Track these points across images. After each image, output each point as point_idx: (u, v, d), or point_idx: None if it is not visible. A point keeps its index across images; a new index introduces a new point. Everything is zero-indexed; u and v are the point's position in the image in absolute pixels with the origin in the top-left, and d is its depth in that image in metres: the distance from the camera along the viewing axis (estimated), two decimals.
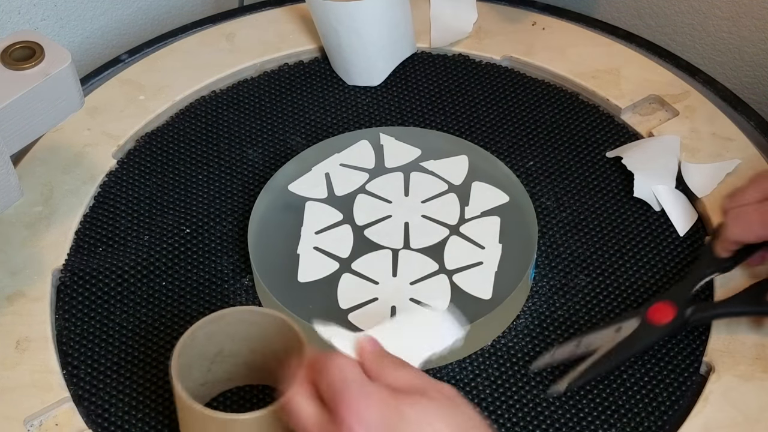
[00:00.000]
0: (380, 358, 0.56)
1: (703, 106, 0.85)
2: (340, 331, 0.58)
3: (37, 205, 0.79)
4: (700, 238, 0.76)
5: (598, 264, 0.75)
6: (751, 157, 0.80)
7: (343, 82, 0.90)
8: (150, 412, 0.67)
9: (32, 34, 0.71)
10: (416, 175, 0.79)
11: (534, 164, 0.82)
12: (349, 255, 0.74)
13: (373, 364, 0.55)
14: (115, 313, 0.73)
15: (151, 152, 0.85)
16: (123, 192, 0.81)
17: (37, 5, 0.95)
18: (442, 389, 0.54)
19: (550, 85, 0.89)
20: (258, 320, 0.64)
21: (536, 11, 0.95)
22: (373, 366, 0.55)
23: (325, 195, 0.78)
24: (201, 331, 0.63)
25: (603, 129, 0.85)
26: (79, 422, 0.66)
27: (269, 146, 0.85)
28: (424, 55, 0.92)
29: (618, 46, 0.91)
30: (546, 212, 0.79)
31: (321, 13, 0.87)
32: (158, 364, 0.70)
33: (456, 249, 0.74)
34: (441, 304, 0.70)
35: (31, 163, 0.82)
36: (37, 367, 0.69)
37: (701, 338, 0.69)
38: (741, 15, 0.93)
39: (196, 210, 0.80)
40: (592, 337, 0.68)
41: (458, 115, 0.87)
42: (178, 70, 0.90)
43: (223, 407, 0.68)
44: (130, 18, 1.05)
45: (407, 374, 0.54)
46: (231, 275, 0.75)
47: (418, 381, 0.54)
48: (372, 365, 0.55)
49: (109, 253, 0.77)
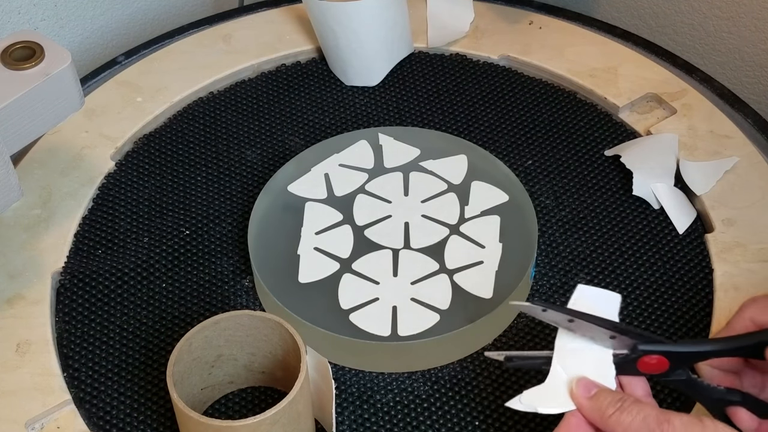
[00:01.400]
0: (599, 404, 0.55)
1: (701, 103, 0.85)
2: (535, 393, 0.57)
3: (35, 207, 0.79)
4: (700, 236, 0.77)
5: (598, 262, 0.75)
6: (749, 155, 0.80)
7: (341, 83, 0.90)
8: (151, 414, 0.67)
9: (32, 34, 0.71)
10: (416, 174, 0.79)
11: (533, 163, 0.83)
12: (350, 255, 0.74)
13: (596, 416, 0.55)
14: (116, 315, 0.73)
15: (149, 154, 0.84)
16: (122, 194, 0.81)
17: (37, 5, 0.95)
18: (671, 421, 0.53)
19: (548, 84, 0.89)
20: (254, 324, 0.64)
21: (533, 10, 0.95)
22: (596, 419, 0.55)
23: (325, 195, 0.78)
24: (197, 336, 0.63)
25: (601, 127, 0.85)
26: (80, 425, 0.66)
27: (268, 147, 0.85)
28: (421, 55, 0.92)
29: (615, 45, 0.91)
30: (545, 211, 0.79)
31: (318, 13, 0.87)
32: (159, 366, 0.70)
33: (456, 248, 0.74)
34: (443, 304, 0.71)
35: (29, 165, 0.82)
36: (37, 370, 0.69)
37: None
38: (741, 15, 0.94)
39: (196, 211, 0.80)
40: (586, 326, 0.59)
41: (456, 115, 0.87)
42: (175, 72, 0.90)
43: (225, 410, 0.68)
44: (130, 18, 1.05)
45: (631, 419, 0.54)
46: (231, 276, 0.75)
47: (644, 429, 0.53)
48: (595, 417, 0.55)
49: (109, 255, 0.77)
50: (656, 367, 0.58)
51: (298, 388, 0.59)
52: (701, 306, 0.72)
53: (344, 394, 0.68)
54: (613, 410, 0.55)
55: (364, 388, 0.69)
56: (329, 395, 0.62)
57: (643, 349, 0.58)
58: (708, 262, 0.75)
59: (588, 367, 0.58)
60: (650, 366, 0.58)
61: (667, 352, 0.58)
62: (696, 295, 0.73)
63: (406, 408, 0.67)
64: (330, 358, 0.68)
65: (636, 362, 0.58)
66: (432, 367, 0.69)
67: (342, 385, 0.69)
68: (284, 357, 0.65)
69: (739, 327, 0.61)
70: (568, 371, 0.58)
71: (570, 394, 0.57)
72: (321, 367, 0.62)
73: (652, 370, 0.58)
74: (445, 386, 0.68)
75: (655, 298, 0.73)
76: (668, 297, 0.73)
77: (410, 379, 0.69)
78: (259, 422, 0.58)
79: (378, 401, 0.68)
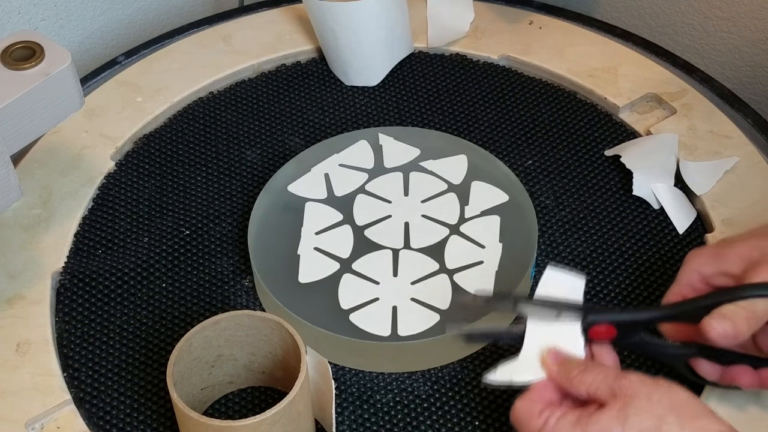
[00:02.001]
0: (565, 368, 0.59)
1: (701, 103, 0.85)
2: (509, 366, 0.61)
3: (35, 207, 0.79)
4: (700, 236, 0.77)
5: (598, 262, 0.75)
6: (748, 154, 0.81)
7: (341, 83, 0.90)
8: (151, 414, 0.67)
9: (32, 34, 0.71)
10: (416, 174, 0.79)
11: (533, 163, 0.83)
12: (350, 255, 0.74)
13: (562, 377, 0.59)
14: (116, 315, 0.73)
15: (149, 154, 0.84)
16: (122, 194, 0.81)
17: (37, 5, 0.95)
18: (631, 386, 0.55)
19: (548, 84, 0.89)
20: (254, 324, 0.64)
21: (533, 10, 0.95)
22: (563, 380, 0.58)
23: (325, 195, 0.78)
24: (197, 336, 0.63)
25: (601, 127, 0.85)
26: (80, 425, 0.66)
27: (268, 147, 0.85)
28: (421, 55, 0.92)
29: (615, 45, 0.91)
30: (545, 211, 0.79)
31: (318, 13, 0.87)
32: (159, 366, 0.70)
33: (456, 248, 0.74)
34: (443, 304, 0.71)
35: (29, 165, 0.82)
36: (37, 370, 0.69)
37: None
38: (741, 15, 0.94)
39: (196, 211, 0.80)
40: (529, 307, 0.62)
41: (456, 115, 0.87)
42: (175, 72, 0.90)
43: (225, 410, 0.68)
44: (130, 18, 1.05)
45: (592, 377, 0.57)
46: (231, 276, 0.75)
47: (604, 385, 0.56)
48: (561, 379, 0.59)
49: (109, 255, 0.77)
50: (605, 334, 0.61)
51: (298, 388, 0.59)
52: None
53: (344, 394, 0.68)
54: (577, 372, 0.58)
55: (364, 388, 0.69)
56: (329, 395, 0.62)
57: (593, 318, 0.61)
58: None
59: (558, 339, 0.61)
60: (600, 333, 0.61)
61: (613, 321, 0.61)
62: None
63: (406, 408, 0.67)
64: (330, 358, 0.68)
65: (588, 332, 0.61)
66: (432, 367, 0.69)
67: (342, 385, 0.69)
68: (284, 357, 0.65)
69: (685, 279, 0.64)
70: (540, 344, 0.61)
71: (541, 363, 0.60)
72: (321, 367, 0.62)
73: (601, 336, 0.61)
74: (445, 386, 0.68)
75: (655, 297, 0.73)
76: None
77: (410, 379, 0.69)
78: (259, 422, 0.58)
79: (378, 401, 0.68)
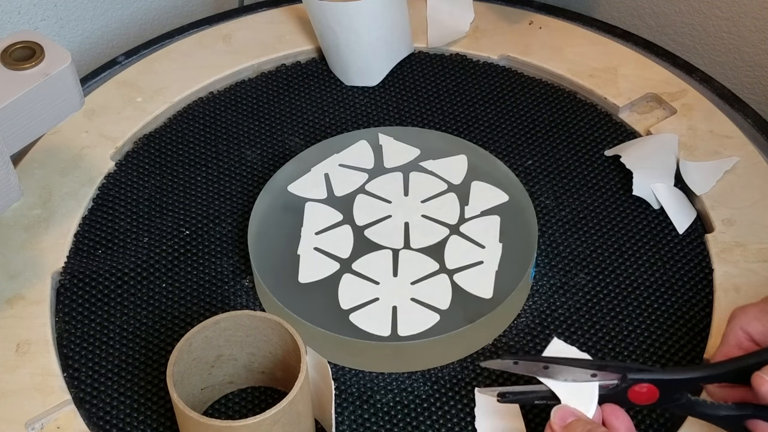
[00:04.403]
0: (569, 430, 0.57)
1: (701, 103, 0.85)
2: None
3: (35, 207, 0.79)
4: (700, 236, 0.77)
5: (598, 262, 0.75)
6: (749, 154, 0.81)
7: (341, 83, 0.90)
8: (151, 414, 0.67)
9: (32, 34, 0.71)
10: (415, 174, 0.79)
11: (533, 163, 0.83)
12: (350, 255, 0.74)
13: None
14: (116, 315, 0.73)
15: (149, 154, 0.84)
16: (122, 194, 0.81)
17: (37, 5, 0.95)
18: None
19: (548, 84, 0.89)
20: (254, 324, 0.64)
21: (533, 10, 0.95)
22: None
23: (325, 195, 0.78)
24: (197, 337, 0.63)
25: (601, 127, 0.85)
26: (80, 425, 0.66)
27: (268, 147, 0.85)
28: (421, 55, 0.92)
29: (615, 45, 0.91)
30: (545, 211, 0.79)
31: (318, 13, 0.87)
32: (159, 366, 0.70)
33: (456, 248, 0.74)
34: (443, 304, 0.71)
35: (29, 166, 0.82)
36: (37, 370, 0.69)
37: None
38: (741, 15, 0.94)
39: (196, 211, 0.80)
40: (565, 370, 0.58)
41: (456, 115, 0.87)
42: (175, 72, 0.90)
43: (225, 410, 0.68)
44: (130, 18, 1.05)
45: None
46: (231, 276, 0.75)
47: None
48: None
49: (109, 255, 0.77)
50: (647, 396, 0.57)
51: (298, 388, 0.59)
52: (701, 306, 0.72)
53: (344, 394, 0.68)
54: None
55: (364, 388, 0.69)
56: (329, 395, 0.62)
57: (632, 378, 0.57)
58: (708, 263, 0.75)
59: (571, 397, 0.58)
60: (641, 395, 0.57)
61: (656, 380, 0.57)
62: (696, 295, 0.73)
63: (406, 408, 0.67)
64: (330, 358, 0.68)
65: (626, 392, 0.57)
66: (432, 367, 0.69)
67: (342, 385, 0.69)
68: (284, 357, 0.65)
69: (732, 339, 0.60)
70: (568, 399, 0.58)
71: (548, 424, 0.58)
72: (321, 367, 0.62)
73: (643, 399, 0.57)
74: (445, 386, 0.68)
75: (655, 298, 0.73)
76: (668, 297, 0.73)
77: (410, 379, 0.69)
78: (259, 422, 0.58)
79: (378, 401, 0.68)
